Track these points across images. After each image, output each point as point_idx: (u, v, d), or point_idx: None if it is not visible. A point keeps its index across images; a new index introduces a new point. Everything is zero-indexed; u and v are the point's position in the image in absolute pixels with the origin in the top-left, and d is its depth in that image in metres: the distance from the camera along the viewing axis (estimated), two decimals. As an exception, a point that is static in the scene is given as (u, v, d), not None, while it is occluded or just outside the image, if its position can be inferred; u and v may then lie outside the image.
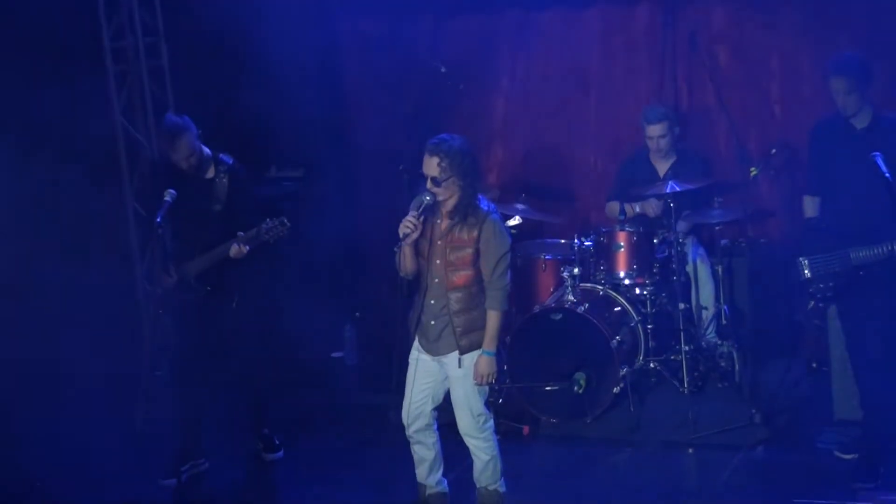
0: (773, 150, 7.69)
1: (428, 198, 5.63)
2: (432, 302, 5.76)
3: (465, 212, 5.66)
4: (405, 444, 5.98)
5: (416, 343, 5.88)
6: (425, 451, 5.95)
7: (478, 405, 5.80)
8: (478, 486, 5.98)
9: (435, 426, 5.94)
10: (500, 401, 7.32)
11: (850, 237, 6.14)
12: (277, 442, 7.11)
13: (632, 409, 7.16)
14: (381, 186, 8.62)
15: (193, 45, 8.44)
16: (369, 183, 8.94)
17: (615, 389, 7.20)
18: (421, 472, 6.01)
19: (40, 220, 7.85)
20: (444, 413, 5.97)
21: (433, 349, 5.80)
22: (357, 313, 8.87)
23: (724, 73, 8.25)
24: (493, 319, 5.73)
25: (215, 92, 8.21)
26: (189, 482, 6.77)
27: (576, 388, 7.12)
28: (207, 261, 6.64)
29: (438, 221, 5.73)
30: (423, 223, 5.68)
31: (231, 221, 6.62)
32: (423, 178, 5.65)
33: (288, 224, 6.49)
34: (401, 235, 5.63)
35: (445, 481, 6.07)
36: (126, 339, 8.33)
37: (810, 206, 6.60)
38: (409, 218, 5.63)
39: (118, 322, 8.37)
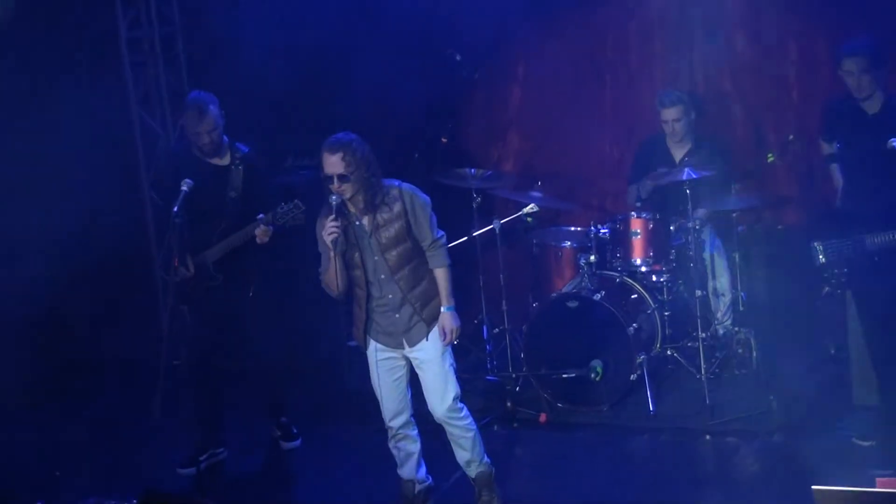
0: (791, 137, 7.65)
1: (334, 198, 5.60)
2: (389, 296, 5.74)
3: (375, 200, 5.67)
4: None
5: (374, 347, 5.83)
6: (411, 444, 5.93)
7: (453, 384, 5.79)
8: (467, 470, 5.96)
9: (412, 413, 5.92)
10: (517, 388, 7.33)
11: (865, 222, 6.11)
12: (295, 430, 7.14)
13: (649, 396, 7.16)
14: (396, 174, 8.59)
15: (209, 35, 8.45)
16: (385, 171, 8.91)
17: (632, 377, 7.19)
18: (408, 469, 5.97)
19: (56, 212, 7.88)
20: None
21: (404, 341, 5.78)
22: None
23: (740, 59, 8.21)
24: (442, 276, 5.77)
25: (231, 82, 8.21)
26: (207, 471, 6.79)
27: (593, 375, 7.12)
28: (225, 248, 6.66)
29: (357, 223, 5.72)
30: (342, 226, 5.62)
31: (247, 209, 6.64)
32: (328, 179, 5.58)
33: (303, 207, 6.48)
34: (329, 243, 5.58)
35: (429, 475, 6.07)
36: (144, 329, 8.37)
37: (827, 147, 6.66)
38: (329, 224, 5.58)
39: (136, 312, 8.41)
